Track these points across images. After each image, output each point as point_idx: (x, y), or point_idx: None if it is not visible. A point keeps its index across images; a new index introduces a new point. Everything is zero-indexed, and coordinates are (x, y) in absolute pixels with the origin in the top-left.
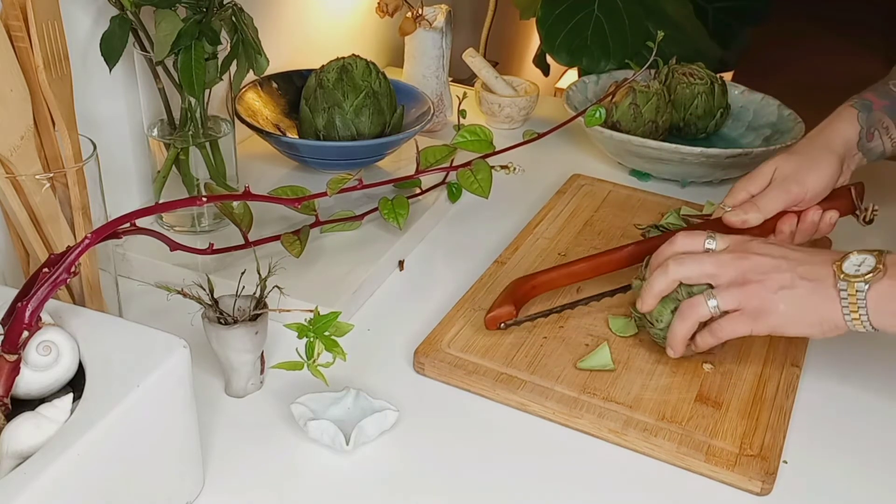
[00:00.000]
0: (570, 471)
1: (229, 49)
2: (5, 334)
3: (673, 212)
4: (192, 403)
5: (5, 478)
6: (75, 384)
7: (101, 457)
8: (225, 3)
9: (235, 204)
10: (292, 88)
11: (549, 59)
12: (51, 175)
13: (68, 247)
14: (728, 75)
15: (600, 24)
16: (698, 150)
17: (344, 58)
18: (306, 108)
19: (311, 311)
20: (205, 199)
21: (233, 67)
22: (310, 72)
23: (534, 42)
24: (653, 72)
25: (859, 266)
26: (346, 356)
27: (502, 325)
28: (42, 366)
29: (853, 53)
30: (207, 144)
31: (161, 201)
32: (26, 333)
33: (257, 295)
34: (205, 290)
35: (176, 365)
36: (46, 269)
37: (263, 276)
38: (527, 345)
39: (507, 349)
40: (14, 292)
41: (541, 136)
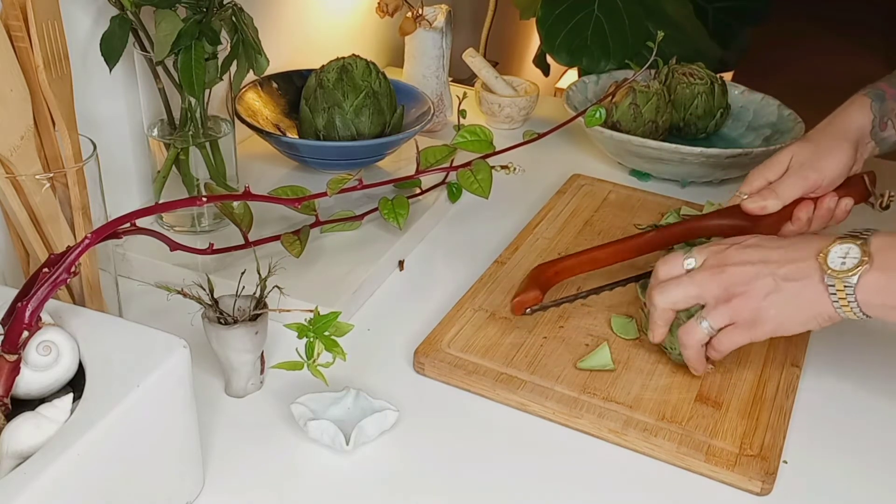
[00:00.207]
0: (570, 471)
1: (229, 49)
2: (5, 334)
3: (673, 212)
4: (192, 403)
5: (5, 478)
6: (75, 384)
7: (101, 457)
8: (225, 3)
9: (235, 204)
10: (292, 88)
11: (549, 59)
12: (51, 175)
13: (68, 247)
14: (728, 75)
15: (600, 24)
16: (698, 150)
17: (344, 58)
18: (306, 108)
19: (311, 311)
20: (205, 199)
21: (233, 67)
22: (310, 72)
23: (534, 42)
24: (653, 72)
25: (844, 259)
26: (346, 356)
27: (528, 310)
28: (42, 366)
29: (853, 53)
30: (207, 144)
31: (161, 201)
32: (26, 333)
33: (257, 295)
34: (205, 290)
35: (176, 365)
36: (46, 269)
37: (263, 276)
38: (527, 345)
39: (507, 349)
40: (14, 292)
41: (541, 136)
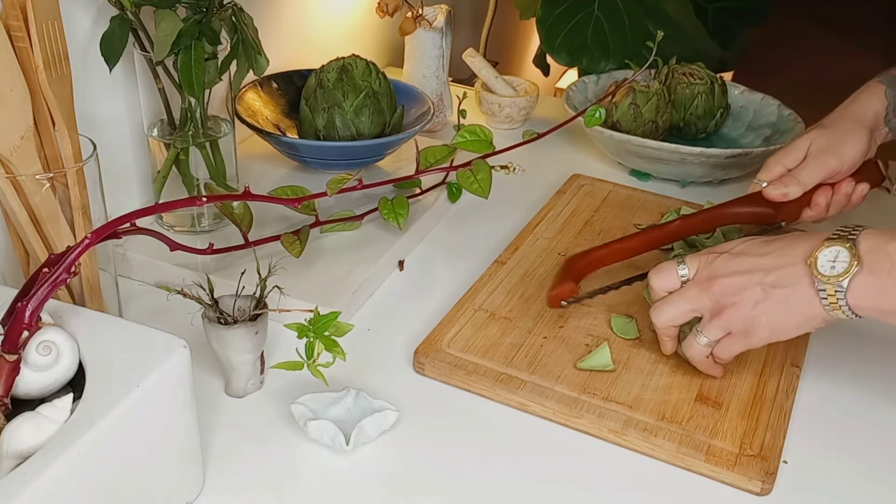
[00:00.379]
0: (570, 471)
1: (229, 49)
2: (5, 334)
3: (673, 212)
4: (192, 403)
5: (5, 478)
6: (75, 384)
7: (101, 457)
8: (225, 3)
9: (235, 204)
10: (292, 88)
11: (549, 59)
12: (51, 175)
13: (68, 247)
14: (728, 75)
15: (600, 24)
16: (698, 150)
17: (344, 58)
18: (306, 108)
19: (311, 311)
20: (205, 199)
21: (233, 67)
22: (310, 72)
23: (534, 42)
24: (653, 72)
25: (834, 263)
26: (346, 356)
27: (564, 302)
28: (42, 366)
29: (853, 53)
30: (207, 144)
31: (161, 201)
32: (26, 333)
33: (257, 295)
34: (205, 290)
35: (176, 365)
36: (46, 269)
37: (263, 276)
38: (527, 345)
39: (507, 349)
40: (14, 292)
41: (541, 136)
